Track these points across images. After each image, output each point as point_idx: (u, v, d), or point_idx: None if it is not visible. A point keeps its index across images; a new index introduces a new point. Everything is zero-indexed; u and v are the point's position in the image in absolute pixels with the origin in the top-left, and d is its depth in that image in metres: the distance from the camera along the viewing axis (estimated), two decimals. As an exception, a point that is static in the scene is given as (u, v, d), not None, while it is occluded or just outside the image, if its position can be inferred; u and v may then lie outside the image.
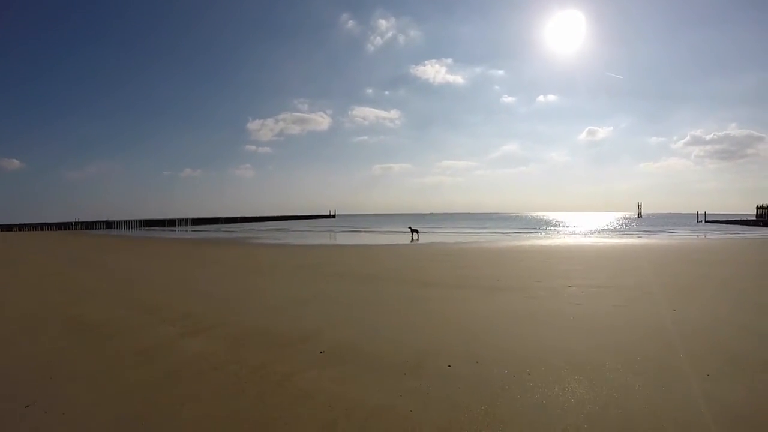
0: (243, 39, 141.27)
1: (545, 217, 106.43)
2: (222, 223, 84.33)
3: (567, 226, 50.85)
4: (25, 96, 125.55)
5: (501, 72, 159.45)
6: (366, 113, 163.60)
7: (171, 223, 78.37)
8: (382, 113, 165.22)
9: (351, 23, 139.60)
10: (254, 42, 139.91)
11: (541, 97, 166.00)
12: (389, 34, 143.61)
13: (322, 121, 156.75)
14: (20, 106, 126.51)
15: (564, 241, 24.25)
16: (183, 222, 79.64)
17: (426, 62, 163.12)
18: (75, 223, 74.43)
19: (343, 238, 32.14)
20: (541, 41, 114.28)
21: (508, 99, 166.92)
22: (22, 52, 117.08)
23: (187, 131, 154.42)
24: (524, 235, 32.58)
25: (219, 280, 10.57)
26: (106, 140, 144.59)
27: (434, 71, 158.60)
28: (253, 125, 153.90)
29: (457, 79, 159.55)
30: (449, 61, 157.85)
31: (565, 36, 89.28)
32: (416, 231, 30.45)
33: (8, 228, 65.49)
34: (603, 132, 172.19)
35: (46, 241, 29.68)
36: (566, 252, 16.48)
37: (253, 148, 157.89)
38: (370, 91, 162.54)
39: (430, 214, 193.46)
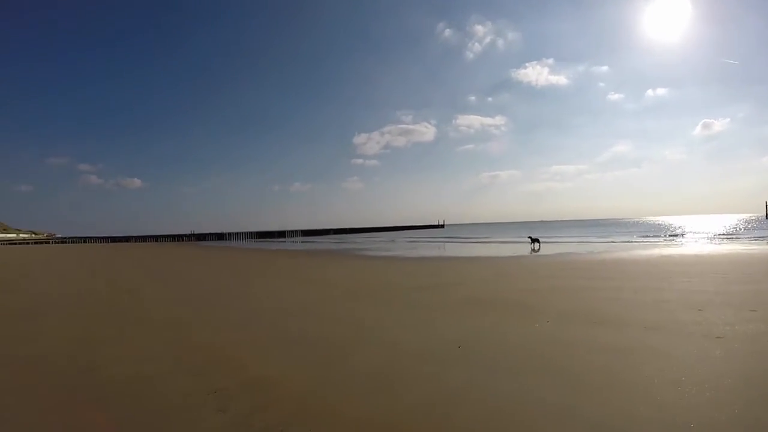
0: (346, 55, 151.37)
1: (663, 222, 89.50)
2: (331, 234, 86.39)
3: (692, 232, 41.62)
4: (143, 119, 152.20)
5: (605, 68, 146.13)
6: (470, 121, 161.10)
7: (281, 234, 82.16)
8: (487, 120, 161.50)
9: (448, 32, 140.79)
10: (356, 57, 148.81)
11: (649, 92, 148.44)
12: (487, 39, 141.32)
13: (426, 131, 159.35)
14: (138, 128, 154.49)
15: (702, 249, 19.59)
16: (293, 234, 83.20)
17: (527, 64, 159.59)
18: (189, 235, 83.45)
19: (457, 250, 28.61)
20: (644, 30, 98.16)
21: (614, 96, 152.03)
22: (141, 76, 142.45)
23: (296, 147, 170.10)
24: (654, 243, 27.05)
25: (319, 309, 7.91)
26: (219, 158, 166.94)
27: (536, 73, 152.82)
28: (359, 139, 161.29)
29: (560, 79, 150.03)
30: (550, 61, 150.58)
31: (669, 21, 74.78)
32: (537, 240, 26.57)
33: (126, 239, 77.50)
34: (719, 124, 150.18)
35: (145, 251, 31.62)
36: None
37: (360, 161, 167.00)
38: (473, 98, 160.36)
39: (541, 221, 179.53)
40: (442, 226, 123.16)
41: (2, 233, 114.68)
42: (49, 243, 70.70)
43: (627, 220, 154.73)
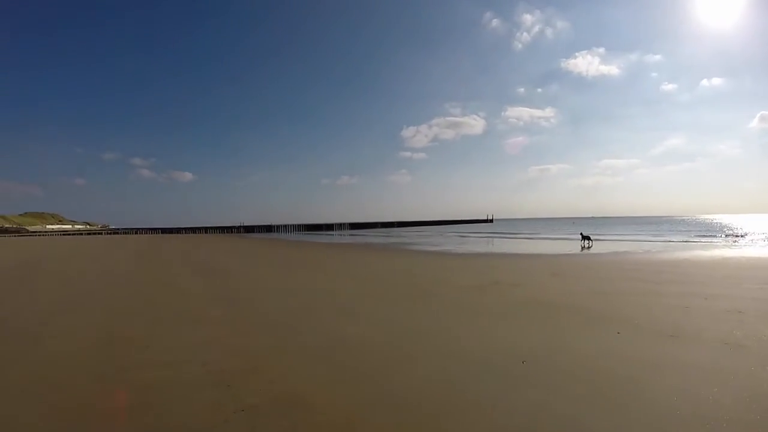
0: (394, 48, 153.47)
1: (718, 221, 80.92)
2: (379, 227, 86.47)
3: (752, 233, 37.42)
4: (194, 115, 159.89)
5: (657, 57, 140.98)
6: (520, 113, 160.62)
7: (328, 227, 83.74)
8: (537, 112, 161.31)
9: (495, 22, 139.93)
10: (405, 50, 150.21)
11: (704, 81, 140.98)
12: (536, 29, 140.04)
13: (475, 124, 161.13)
14: (190, 124, 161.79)
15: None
16: (340, 226, 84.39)
17: (577, 54, 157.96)
18: (237, 227, 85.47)
19: (508, 246, 27.83)
20: (699, 16, 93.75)
21: (667, 86, 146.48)
22: (192, 75, 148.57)
23: (345, 141, 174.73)
24: (713, 243, 24.86)
25: (368, 310, 7.41)
26: (269, 153, 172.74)
27: (586, 63, 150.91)
28: (407, 132, 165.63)
29: (611, 69, 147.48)
30: (601, 50, 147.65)
31: (725, 7, 69.16)
32: (588, 238, 25.61)
33: (177, 231, 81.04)
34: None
35: (191, 242, 28.40)
36: None
37: (408, 154, 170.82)
38: (521, 90, 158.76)
39: (591, 217, 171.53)
40: (491, 220, 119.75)
41: (58, 224, 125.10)
42: (101, 234, 75.38)
43: (680, 217, 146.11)
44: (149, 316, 6.81)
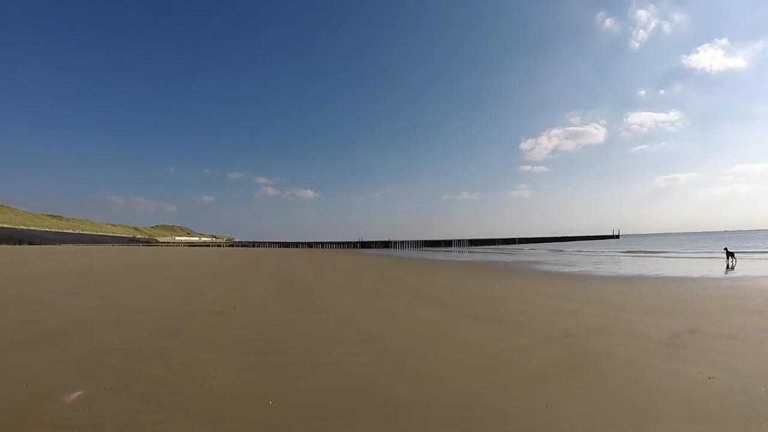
0: (505, 55, 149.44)
1: None
2: (498, 243, 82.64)
3: None
4: (318, 136, 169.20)
5: None
6: (642, 118, 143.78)
7: (447, 243, 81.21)
8: (660, 116, 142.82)
9: (609, 21, 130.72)
10: (516, 57, 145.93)
11: None
12: (652, 25, 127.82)
13: (596, 133, 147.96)
14: (315, 146, 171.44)
15: None
16: (460, 243, 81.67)
17: (698, 48, 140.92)
18: (355, 242, 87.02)
19: (649, 265, 21.54)
20: None
21: None
22: (316, 96, 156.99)
23: (464, 156, 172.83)
24: None
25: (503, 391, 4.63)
26: (391, 171, 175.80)
27: (709, 57, 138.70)
28: (526, 144, 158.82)
29: (737, 61, 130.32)
30: (724, 41, 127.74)
31: None
32: (732, 255, 21.82)
33: (295, 245, 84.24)
34: None
35: (304, 256, 29.20)
36: None
37: (528, 167, 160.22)
38: (642, 92, 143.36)
39: (724, 231, 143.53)
40: (617, 236, 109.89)
41: (186, 236, 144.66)
42: (219, 246, 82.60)
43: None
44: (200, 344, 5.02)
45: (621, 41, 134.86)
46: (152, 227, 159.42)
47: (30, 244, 40.98)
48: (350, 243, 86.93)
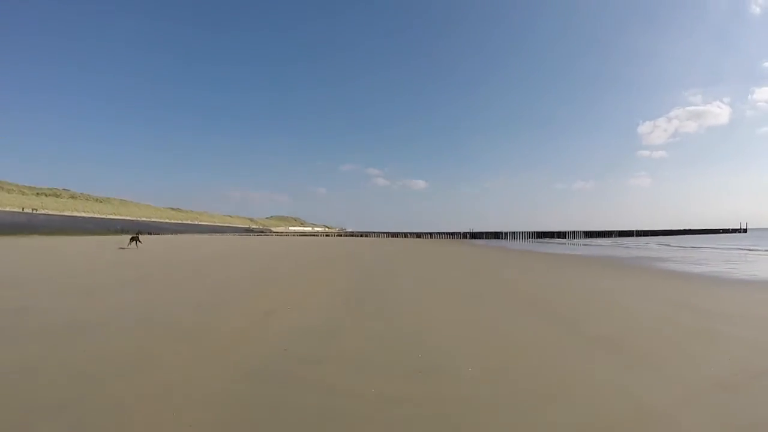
0: (615, 31, 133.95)
1: None
2: (615, 236, 74.60)
3: None
4: (429, 126, 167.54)
5: None
6: None
7: (561, 235, 76.06)
8: None
9: None
10: (627, 32, 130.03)
11: None
12: None
13: (720, 112, 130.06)
14: (425, 136, 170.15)
15: None
16: (573, 234, 75.79)
17: None
18: (464, 233, 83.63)
19: None
20: None
21: None
22: (425, 92, 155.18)
23: (577, 143, 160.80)
24: None
25: None
26: (506, 159, 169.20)
27: None
28: (644, 128, 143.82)
29: None
30: None
31: None
32: None
33: (404, 235, 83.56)
34: None
35: (409, 246, 27.26)
36: None
37: (647, 153, 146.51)
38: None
39: None
40: (744, 230, 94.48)
41: (299, 226, 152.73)
42: (328, 236, 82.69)
43: None
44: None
45: (740, 5, 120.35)
46: (267, 218, 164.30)
47: (149, 234, 46.65)
48: (459, 233, 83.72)
